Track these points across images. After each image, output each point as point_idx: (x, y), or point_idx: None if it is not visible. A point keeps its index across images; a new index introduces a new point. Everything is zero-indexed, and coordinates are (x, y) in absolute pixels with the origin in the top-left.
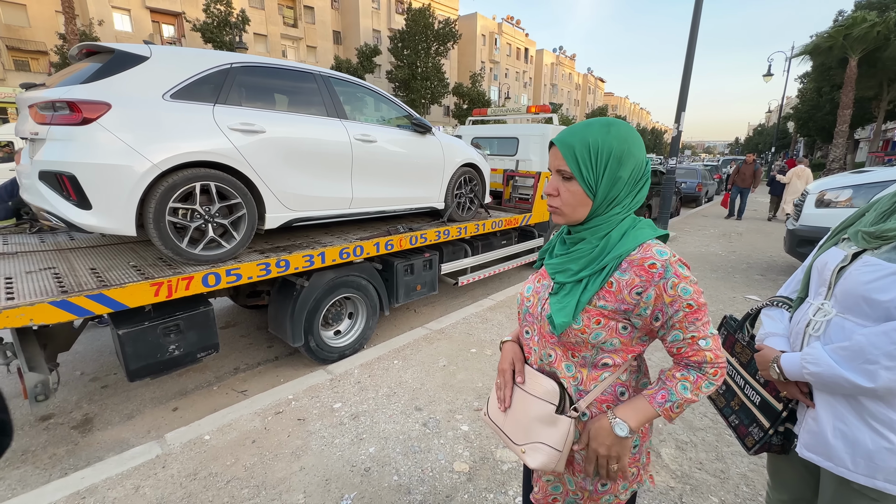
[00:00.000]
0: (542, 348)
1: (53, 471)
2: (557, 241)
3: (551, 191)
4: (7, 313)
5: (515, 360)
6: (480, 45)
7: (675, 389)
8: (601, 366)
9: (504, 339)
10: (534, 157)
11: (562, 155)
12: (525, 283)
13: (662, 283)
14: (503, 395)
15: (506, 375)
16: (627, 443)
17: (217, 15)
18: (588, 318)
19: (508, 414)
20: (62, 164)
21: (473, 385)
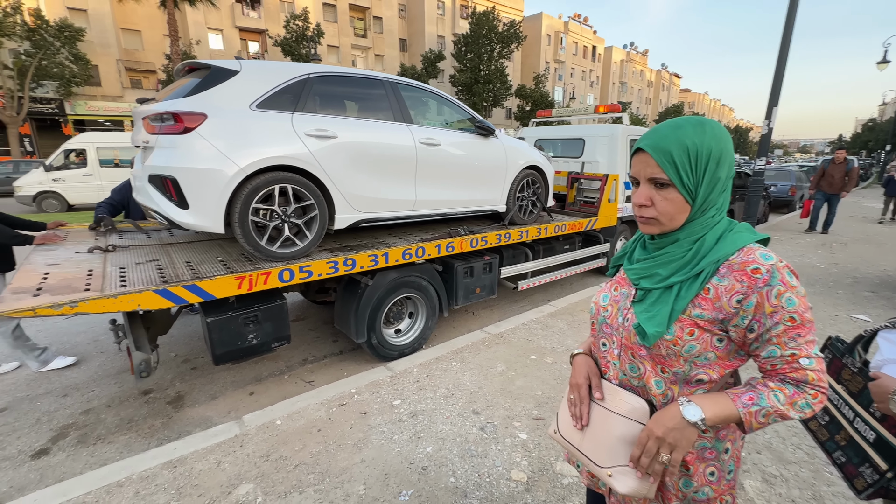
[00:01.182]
0: (625, 362)
1: (152, 440)
2: (637, 245)
3: (643, 201)
4: (121, 298)
5: (591, 375)
6: (545, 46)
7: (767, 396)
8: (695, 382)
9: (575, 352)
10: (601, 158)
11: (656, 161)
12: (599, 292)
13: (766, 291)
14: (579, 411)
15: (581, 391)
16: (691, 434)
17: (295, 30)
18: (681, 328)
19: (587, 433)
20: (166, 168)
21: (533, 393)
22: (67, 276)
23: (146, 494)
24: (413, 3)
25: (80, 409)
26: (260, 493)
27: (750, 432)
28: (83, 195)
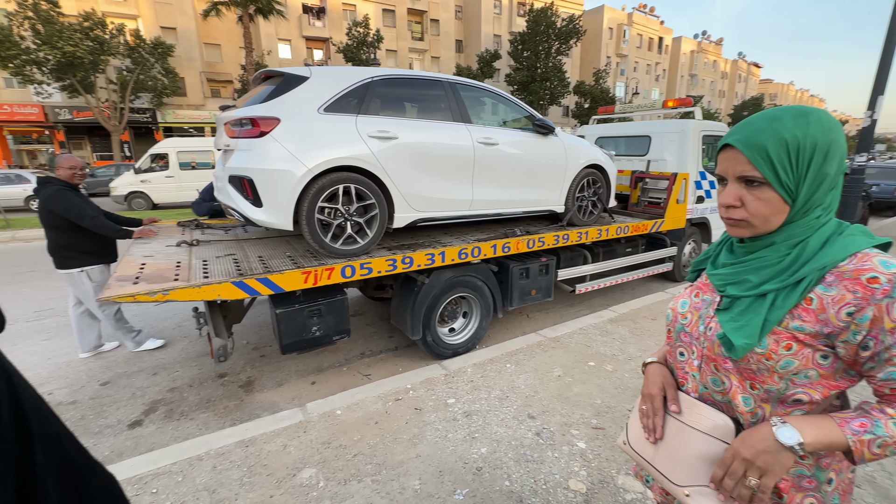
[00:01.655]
0: (706, 374)
1: (226, 420)
2: (723, 248)
3: (732, 201)
4: (204, 289)
5: (666, 386)
6: (606, 40)
7: (885, 424)
8: (792, 402)
9: (648, 360)
10: (669, 156)
11: (747, 158)
12: (677, 298)
13: (886, 304)
14: (652, 423)
15: (655, 401)
16: (785, 459)
17: (356, 36)
18: (775, 341)
19: (660, 447)
20: (243, 169)
21: (591, 401)
22: (160, 267)
23: (222, 469)
24: (470, 4)
25: (167, 386)
26: (322, 478)
27: (860, 463)
28: (165, 195)
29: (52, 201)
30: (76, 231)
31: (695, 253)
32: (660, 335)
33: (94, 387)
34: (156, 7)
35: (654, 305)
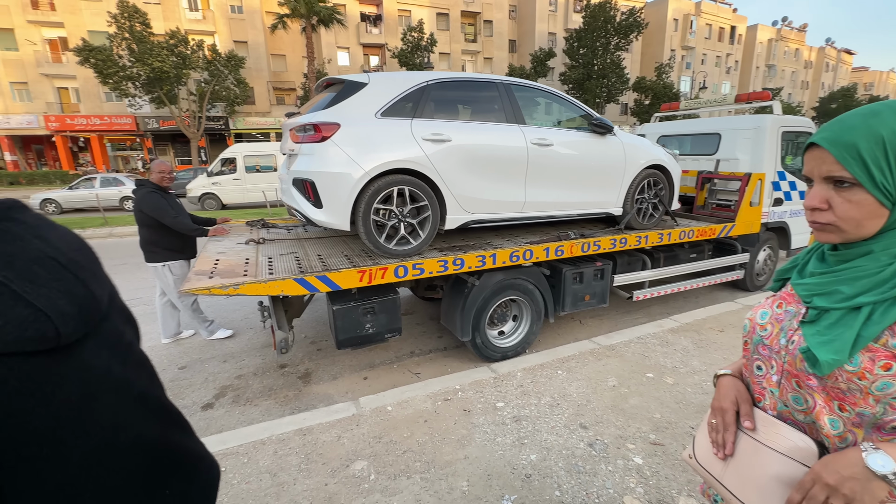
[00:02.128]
0: (787, 391)
1: (286, 408)
2: (812, 256)
3: (817, 203)
4: (269, 284)
5: (740, 401)
6: (671, 32)
7: None
8: (891, 429)
9: (721, 372)
10: (741, 155)
11: (835, 157)
12: (756, 308)
13: None
14: (722, 439)
15: (726, 416)
16: (876, 489)
17: (411, 41)
18: (871, 359)
19: (730, 464)
20: (306, 172)
21: (650, 415)
22: (231, 263)
23: (282, 455)
24: (524, 3)
25: (234, 374)
26: (373, 471)
27: None
28: (233, 196)
29: (143, 202)
30: (162, 229)
31: (770, 260)
32: (728, 349)
33: (174, 370)
34: (230, 23)
35: (721, 316)
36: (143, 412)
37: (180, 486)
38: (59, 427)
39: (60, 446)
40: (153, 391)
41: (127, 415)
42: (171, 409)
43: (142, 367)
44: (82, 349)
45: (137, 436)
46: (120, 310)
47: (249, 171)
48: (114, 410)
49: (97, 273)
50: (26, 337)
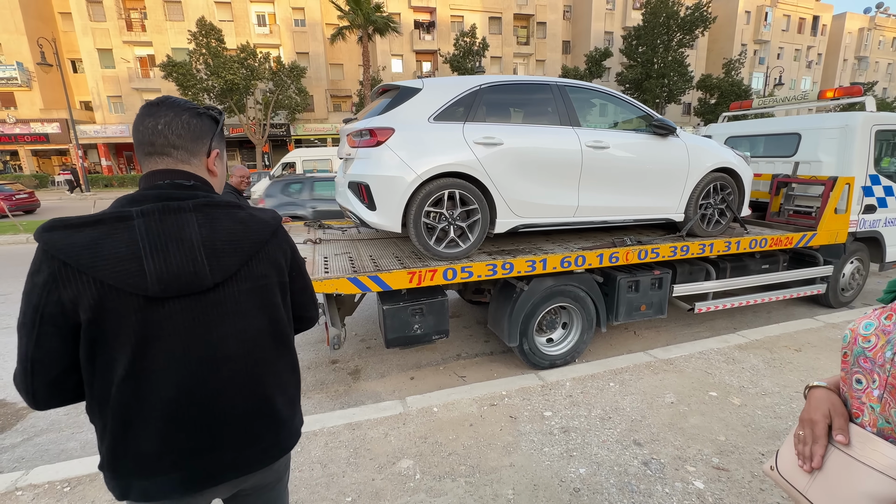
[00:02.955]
0: (889, 406)
1: (336, 402)
2: None
3: None
4: (325, 282)
5: (834, 414)
6: (741, 25)
7: None
8: None
9: (814, 384)
10: (825, 157)
11: None
12: (860, 319)
13: None
14: (809, 451)
15: (817, 428)
16: None
17: (463, 46)
18: None
19: (817, 478)
20: (361, 176)
21: (713, 436)
22: None
23: (332, 447)
24: (579, 3)
25: None
26: (418, 470)
27: None
28: None
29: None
30: None
31: (858, 274)
32: (806, 370)
33: None
34: (294, 36)
35: (798, 334)
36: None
37: None
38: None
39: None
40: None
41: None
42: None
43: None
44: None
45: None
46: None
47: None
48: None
49: (220, 253)
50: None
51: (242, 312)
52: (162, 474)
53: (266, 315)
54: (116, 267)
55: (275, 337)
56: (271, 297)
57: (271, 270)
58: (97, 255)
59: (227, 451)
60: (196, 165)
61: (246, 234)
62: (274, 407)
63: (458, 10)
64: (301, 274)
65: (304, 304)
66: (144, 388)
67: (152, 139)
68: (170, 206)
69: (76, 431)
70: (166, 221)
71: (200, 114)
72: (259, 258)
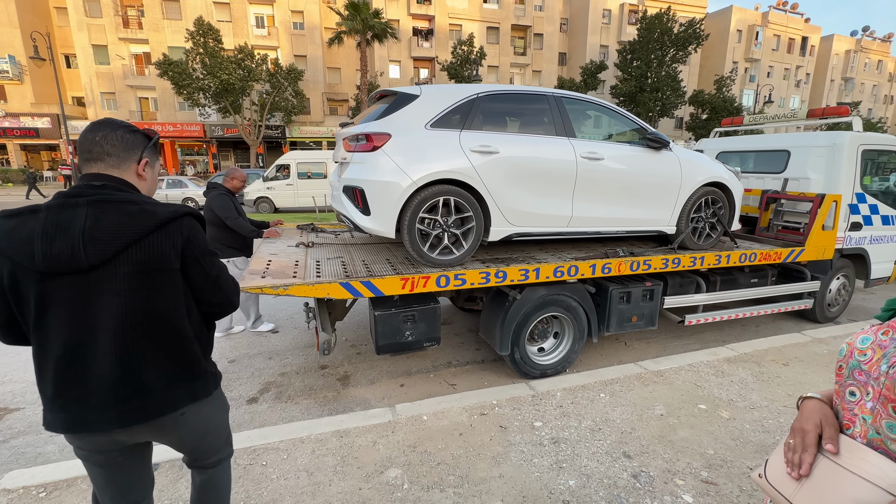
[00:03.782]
0: (880, 418)
1: (324, 408)
2: None
3: None
4: (316, 287)
5: (825, 424)
6: (734, 43)
7: None
8: None
9: (807, 395)
10: (813, 174)
11: None
12: (857, 334)
13: None
14: (798, 458)
15: (807, 437)
16: None
17: (461, 55)
18: None
19: (805, 485)
20: (356, 180)
21: (702, 450)
22: (282, 265)
23: (319, 455)
24: (576, 16)
25: (278, 371)
26: (406, 480)
27: None
28: (285, 200)
29: (214, 202)
30: (227, 228)
31: (845, 290)
32: (793, 384)
33: (224, 363)
34: (292, 38)
35: (786, 348)
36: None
37: None
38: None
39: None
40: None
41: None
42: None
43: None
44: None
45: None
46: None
47: (301, 178)
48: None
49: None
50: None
51: (119, 291)
52: (57, 412)
53: (144, 296)
54: (20, 248)
55: (154, 316)
56: (152, 280)
57: (154, 257)
58: (12, 239)
59: (94, 406)
60: (125, 171)
61: (129, 225)
62: (141, 378)
63: (457, 19)
64: (197, 262)
65: (204, 290)
66: (44, 342)
67: (90, 147)
68: (69, 202)
69: (54, 434)
70: (63, 213)
71: (134, 131)
72: (141, 246)
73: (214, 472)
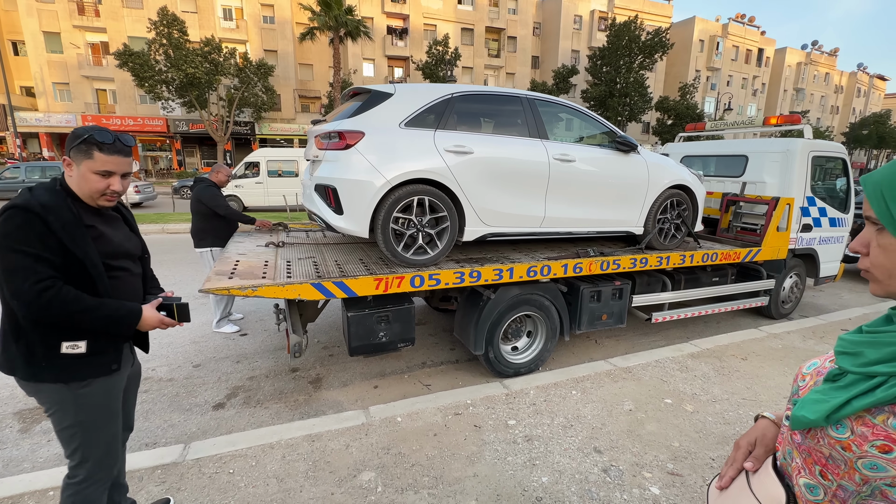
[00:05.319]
0: (784, 444)
1: (295, 412)
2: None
3: (858, 247)
4: (287, 288)
5: (758, 443)
6: (696, 53)
7: None
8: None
9: (763, 414)
10: (769, 178)
11: (866, 195)
12: (810, 359)
13: None
14: (724, 471)
15: (737, 453)
16: None
17: (435, 55)
18: (863, 434)
19: (720, 497)
20: (329, 179)
21: (668, 443)
22: (251, 265)
23: (290, 460)
24: (548, 20)
25: (246, 375)
26: (380, 483)
27: None
28: (254, 199)
29: (202, 193)
30: (213, 219)
31: (797, 288)
32: (751, 378)
33: (188, 368)
34: (262, 33)
35: (744, 343)
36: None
37: None
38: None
39: None
40: None
41: None
42: None
43: None
44: None
45: None
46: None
47: (272, 176)
48: None
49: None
50: None
51: None
52: None
53: None
54: None
55: None
56: None
57: None
58: None
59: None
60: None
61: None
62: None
63: (432, 19)
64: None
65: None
66: None
67: None
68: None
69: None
70: None
71: (78, 136)
72: None
73: (64, 488)
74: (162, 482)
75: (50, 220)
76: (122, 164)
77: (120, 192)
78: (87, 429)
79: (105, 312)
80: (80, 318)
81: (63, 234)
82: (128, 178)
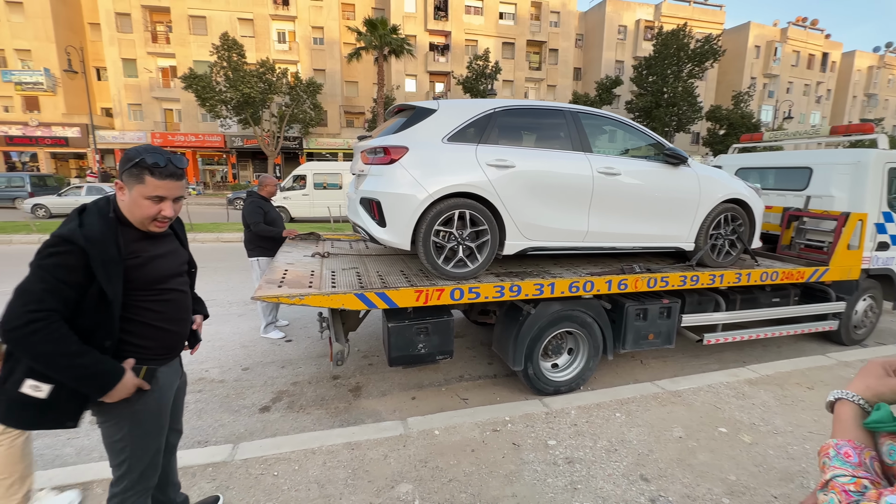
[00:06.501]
0: None
1: (335, 420)
2: None
3: None
4: (331, 297)
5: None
6: (752, 59)
7: None
8: None
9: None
10: (837, 192)
11: None
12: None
13: None
14: None
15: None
16: None
17: (476, 69)
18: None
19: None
20: (373, 192)
21: (723, 475)
22: (298, 274)
23: (331, 466)
24: (591, 31)
25: (291, 380)
26: (417, 496)
27: None
28: (301, 210)
29: (245, 207)
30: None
31: (872, 312)
32: (818, 410)
33: (238, 371)
34: (311, 53)
35: (810, 371)
36: None
37: None
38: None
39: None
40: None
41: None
42: None
43: None
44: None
45: None
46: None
47: (317, 188)
48: None
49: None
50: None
51: None
52: None
53: None
54: None
55: None
56: None
57: None
58: None
59: None
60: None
61: None
62: None
63: (473, 35)
64: None
65: None
66: None
67: None
68: None
69: (72, 437)
70: None
71: (129, 159)
72: None
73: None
74: (213, 479)
75: (92, 255)
76: (175, 189)
77: (171, 217)
78: None
79: (86, 361)
80: (58, 361)
81: (100, 270)
82: (180, 202)
